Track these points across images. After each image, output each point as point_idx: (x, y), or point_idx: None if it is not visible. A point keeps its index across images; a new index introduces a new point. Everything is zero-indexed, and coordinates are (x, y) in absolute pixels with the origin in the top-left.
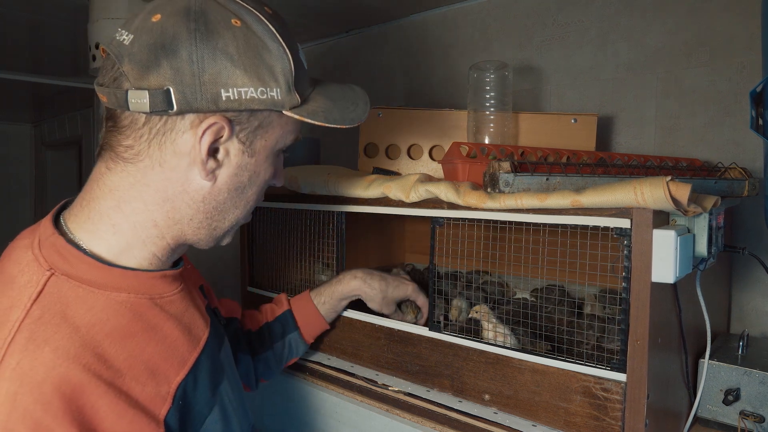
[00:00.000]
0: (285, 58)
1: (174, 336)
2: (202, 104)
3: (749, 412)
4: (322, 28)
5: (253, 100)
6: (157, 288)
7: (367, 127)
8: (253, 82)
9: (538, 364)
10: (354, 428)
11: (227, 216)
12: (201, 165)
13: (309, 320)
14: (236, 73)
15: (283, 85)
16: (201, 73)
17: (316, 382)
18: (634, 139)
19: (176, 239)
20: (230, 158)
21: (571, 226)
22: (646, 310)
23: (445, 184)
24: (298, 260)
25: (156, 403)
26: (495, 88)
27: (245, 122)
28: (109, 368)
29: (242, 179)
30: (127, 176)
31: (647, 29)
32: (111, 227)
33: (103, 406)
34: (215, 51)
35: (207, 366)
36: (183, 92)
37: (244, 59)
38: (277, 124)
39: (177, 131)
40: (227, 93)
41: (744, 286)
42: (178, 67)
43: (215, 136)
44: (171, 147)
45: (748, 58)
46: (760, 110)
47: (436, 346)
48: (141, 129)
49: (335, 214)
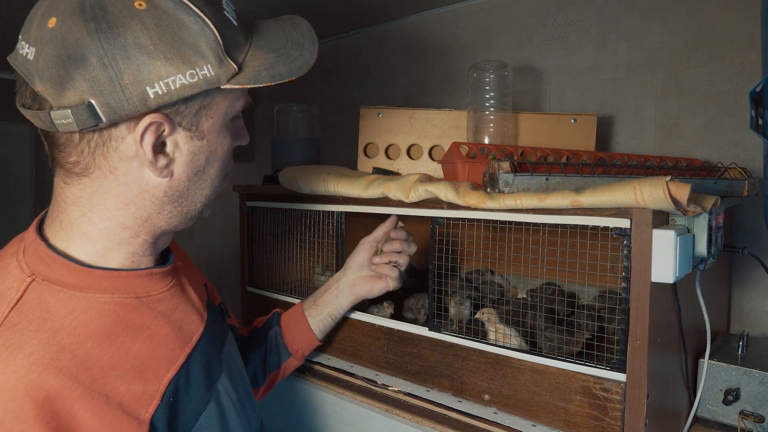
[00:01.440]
0: (206, 29)
1: (163, 333)
2: (131, 109)
3: (749, 412)
4: (322, 28)
5: (184, 87)
6: (144, 286)
7: (367, 127)
8: (178, 68)
9: (538, 364)
10: (354, 428)
11: (196, 198)
12: (151, 166)
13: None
14: (156, 64)
15: (212, 59)
16: (118, 76)
17: (316, 382)
18: (633, 139)
19: (151, 233)
20: (181, 149)
21: (571, 226)
22: (645, 310)
23: (445, 184)
24: (298, 260)
25: (142, 402)
26: (495, 88)
27: (184, 110)
28: (89, 370)
29: (199, 163)
30: (84, 188)
31: (647, 29)
32: (83, 235)
33: (80, 410)
34: (126, 47)
35: (201, 362)
36: (107, 102)
37: (162, 46)
38: (220, 99)
39: (116, 139)
40: (154, 89)
41: (744, 286)
42: (93, 77)
43: (156, 133)
44: (116, 155)
45: (748, 58)
46: (759, 110)
47: (436, 346)
48: (79, 145)
49: (335, 214)
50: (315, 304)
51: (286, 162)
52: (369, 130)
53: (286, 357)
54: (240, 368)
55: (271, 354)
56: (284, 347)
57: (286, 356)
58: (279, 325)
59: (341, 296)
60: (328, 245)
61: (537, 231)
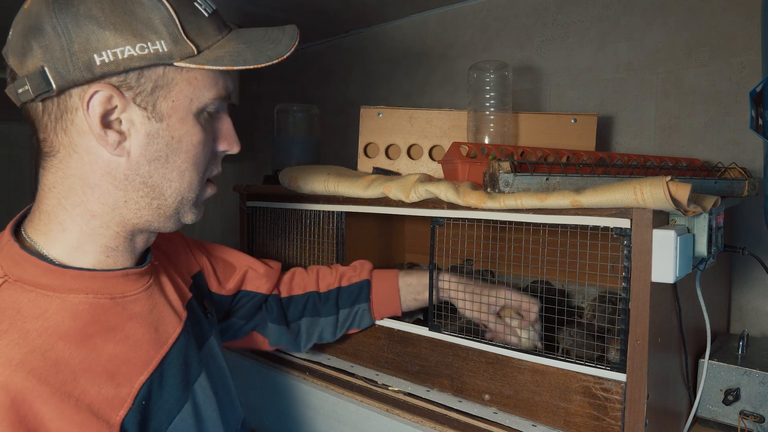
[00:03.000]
0: (161, 6)
1: (137, 336)
2: (77, 75)
3: (749, 412)
4: (322, 28)
5: (132, 57)
6: (118, 287)
7: (367, 127)
8: (128, 40)
9: (538, 364)
10: (354, 428)
11: (164, 191)
12: (101, 139)
13: (384, 298)
14: (105, 34)
15: (166, 36)
16: (69, 44)
17: (316, 382)
18: (633, 139)
19: (122, 226)
20: (137, 127)
21: (571, 226)
22: (646, 310)
23: (445, 184)
24: (299, 260)
25: (113, 405)
26: (495, 88)
27: (135, 85)
28: (59, 372)
29: (158, 147)
30: (56, 171)
31: (647, 29)
32: (59, 225)
33: (48, 413)
34: (77, 17)
35: (177, 363)
36: (56, 68)
37: (113, 18)
38: (181, 81)
39: (70, 110)
40: (101, 57)
41: (744, 286)
42: (47, 45)
43: (105, 106)
44: (73, 129)
45: (748, 58)
46: (760, 110)
47: (436, 346)
48: (42, 119)
49: (335, 214)
50: (416, 300)
51: (286, 162)
52: (369, 130)
53: (368, 324)
54: (221, 366)
55: (351, 322)
56: (369, 318)
57: (368, 324)
58: (369, 301)
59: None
60: (328, 245)
61: (537, 231)
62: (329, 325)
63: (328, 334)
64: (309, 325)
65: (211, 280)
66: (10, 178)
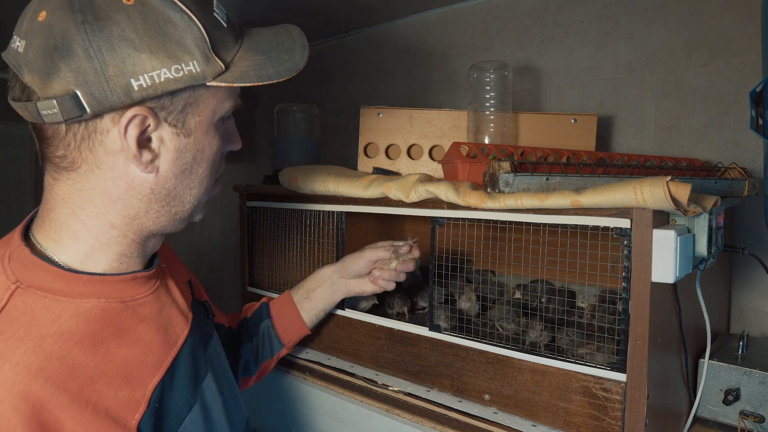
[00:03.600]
0: (193, 26)
1: (148, 338)
2: (115, 100)
3: (749, 412)
4: (322, 28)
5: (169, 81)
6: (128, 291)
7: (367, 127)
8: (164, 62)
9: (538, 364)
10: (354, 428)
11: (184, 199)
12: (135, 160)
13: (283, 312)
14: (141, 57)
15: (198, 56)
16: (103, 67)
17: (316, 382)
18: (634, 139)
19: (139, 233)
20: (166, 145)
21: (571, 226)
22: (646, 310)
23: (445, 184)
24: (298, 260)
25: (129, 408)
26: (495, 88)
27: (169, 105)
28: (76, 378)
29: (186, 161)
30: (73, 183)
31: (647, 29)
32: (72, 234)
33: (67, 420)
34: (111, 39)
35: (186, 365)
36: (91, 93)
37: (147, 40)
38: (207, 97)
39: (101, 132)
40: (138, 81)
41: (744, 286)
42: (78, 68)
43: (140, 128)
44: (101, 148)
45: (748, 58)
46: (760, 110)
47: (436, 346)
48: (66, 138)
49: (335, 214)
50: (308, 298)
51: (286, 162)
52: (369, 130)
53: (279, 348)
54: (225, 367)
55: (263, 346)
56: (277, 339)
57: (279, 347)
58: (270, 317)
59: (336, 294)
60: (328, 245)
61: (537, 231)
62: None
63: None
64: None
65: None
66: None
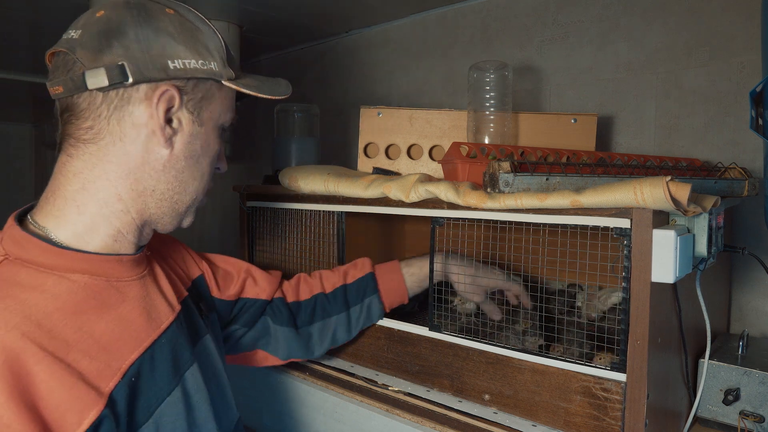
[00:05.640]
0: (216, 37)
1: (131, 317)
2: (154, 73)
3: (749, 412)
4: (322, 28)
5: (197, 69)
6: (114, 271)
7: (367, 127)
8: (194, 55)
9: (538, 364)
10: (354, 428)
11: (188, 188)
12: (160, 130)
13: (391, 288)
14: (179, 47)
15: (218, 59)
16: (148, 48)
17: (316, 382)
18: (634, 139)
19: (140, 213)
20: (183, 127)
21: (571, 226)
22: (646, 310)
23: (445, 184)
24: (298, 260)
25: (103, 377)
26: (495, 88)
27: (191, 92)
28: (53, 339)
29: (195, 147)
30: (89, 157)
31: (647, 29)
32: (76, 208)
33: (40, 372)
34: (158, 30)
35: (168, 349)
36: (136, 64)
37: (183, 37)
38: (218, 97)
39: (133, 103)
40: (174, 63)
41: (744, 286)
42: (128, 45)
43: (168, 104)
44: (129, 119)
45: (748, 58)
46: (760, 110)
47: (436, 346)
48: (100, 107)
49: (335, 214)
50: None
51: (286, 162)
52: (369, 130)
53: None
54: (216, 368)
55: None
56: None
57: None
58: (377, 292)
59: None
60: (328, 245)
61: (537, 231)
62: (341, 323)
63: (342, 334)
64: (321, 329)
65: (212, 284)
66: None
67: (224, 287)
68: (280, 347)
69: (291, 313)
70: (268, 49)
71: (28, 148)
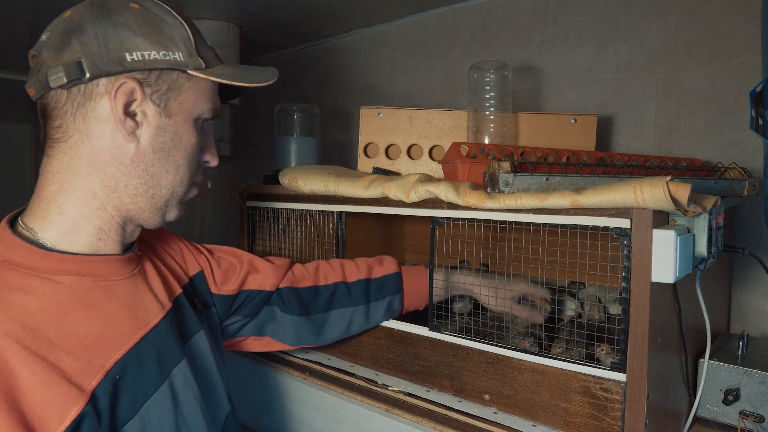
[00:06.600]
0: (182, 28)
1: (117, 317)
2: (110, 67)
3: (749, 412)
4: (322, 28)
5: (157, 60)
6: (101, 271)
7: (367, 127)
8: (155, 47)
9: (538, 364)
10: (354, 428)
11: (162, 181)
12: (120, 124)
13: (415, 292)
14: (137, 40)
15: (183, 49)
16: (106, 43)
17: (316, 382)
18: (634, 139)
19: (118, 210)
20: (148, 119)
21: (571, 226)
22: (646, 310)
23: (445, 184)
24: (299, 261)
25: (86, 375)
26: (495, 88)
27: (154, 84)
28: (36, 338)
29: (164, 140)
30: (63, 156)
31: (647, 29)
32: (57, 208)
33: (22, 370)
34: (116, 25)
35: (155, 347)
36: (92, 60)
37: (144, 29)
38: (189, 88)
39: (95, 98)
40: (131, 56)
41: (744, 286)
42: (86, 42)
43: (128, 96)
44: (93, 115)
45: (748, 58)
46: (760, 110)
47: (436, 346)
48: (65, 105)
49: (335, 214)
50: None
51: (286, 162)
52: (369, 130)
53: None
54: (207, 364)
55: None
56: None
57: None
58: (401, 292)
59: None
60: (328, 245)
61: (537, 231)
62: (359, 314)
63: (357, 325)
64: (338, 318)
65: (210, 281)
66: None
67: (225, 281)
68: (289, 334)
69: (302, 301)
70: (268, 49)
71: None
